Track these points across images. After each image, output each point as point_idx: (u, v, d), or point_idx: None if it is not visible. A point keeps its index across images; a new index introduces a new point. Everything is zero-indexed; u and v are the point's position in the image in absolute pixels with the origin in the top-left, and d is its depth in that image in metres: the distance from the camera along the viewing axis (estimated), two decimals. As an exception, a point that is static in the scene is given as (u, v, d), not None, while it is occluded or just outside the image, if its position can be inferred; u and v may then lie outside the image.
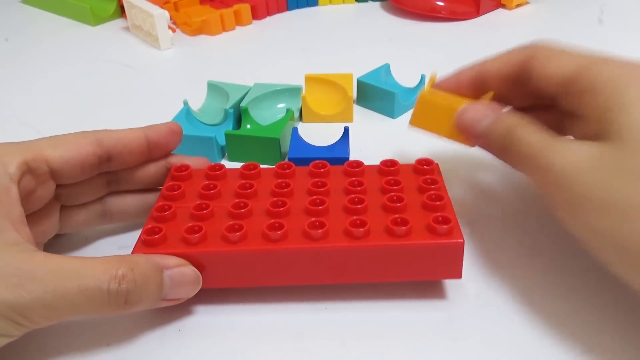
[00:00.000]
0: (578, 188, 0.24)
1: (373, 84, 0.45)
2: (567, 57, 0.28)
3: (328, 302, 0.28)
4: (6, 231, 0.24)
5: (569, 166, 0.24)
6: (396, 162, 0.32)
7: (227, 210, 0.29)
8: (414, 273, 0.27)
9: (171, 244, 0.27)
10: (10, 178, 0.26)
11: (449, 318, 0.27)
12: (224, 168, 0.32)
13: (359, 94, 0.46)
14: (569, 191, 0.24)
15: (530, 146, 0.26)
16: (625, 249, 0.23)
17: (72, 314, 0.24)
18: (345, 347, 0.26)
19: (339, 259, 0.27)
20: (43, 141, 0.28)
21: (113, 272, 0.24)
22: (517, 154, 0.27)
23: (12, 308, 0.22)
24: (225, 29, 0.62)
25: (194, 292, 0.27)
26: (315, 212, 0.28)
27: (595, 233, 0.24)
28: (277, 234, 0.27)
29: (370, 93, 0.45)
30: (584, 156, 0.24)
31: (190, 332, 0.27)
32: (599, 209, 0.23)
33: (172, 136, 0.32)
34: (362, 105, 0.46)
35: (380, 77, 0.46)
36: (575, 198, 0.24)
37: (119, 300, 0.24)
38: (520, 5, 0.66)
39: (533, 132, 0.27)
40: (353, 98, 0.45)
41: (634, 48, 0.54)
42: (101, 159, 0.29)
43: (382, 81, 0.46)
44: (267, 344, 0.26)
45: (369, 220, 0.27)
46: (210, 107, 0.45)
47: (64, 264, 0.24)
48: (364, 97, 0.46)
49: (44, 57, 0.59)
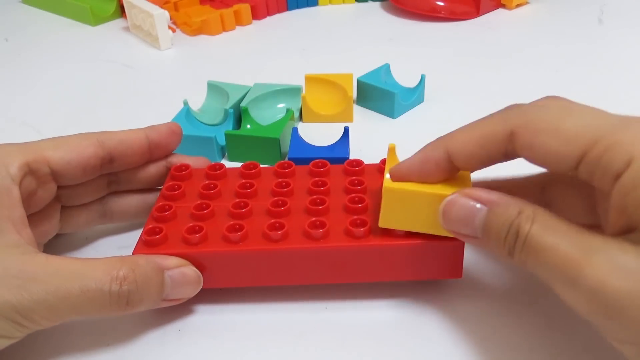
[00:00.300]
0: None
1: (373, 84, 0.45)
2: (569, 127, 0.21)
3: (328, 302, 0.28)
4: (7, 233, 0.24)
5: (625, 290, 0.19)
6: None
7: (228, 210, 0.29)
8: (414, 273, 0.27)
9: (172, 244, 0.27)
10: (12, 179, 0.26)
11: (449, 318, 0.27)
12: (224, 167, 0.32)
13: (359, 94, 0.46)
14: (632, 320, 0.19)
15: (554, 253, 0.20)
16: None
17: (73, 315, 0.24)
18: (345, 347, 0.26)
19: (340, 258, 0.27)
20: (45, 142, 0.28)
21: (114, 273, 0.24)
22: (532, 259, 0.21)
23: (15, 309, 0.22)
24: (225, 29, 0.62)
25: (194, 292, 0.27)
26: (315, 211, 0.28)
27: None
28: (278, 233, 0.27)
29: (370, 93, 0.45)
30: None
31: (190, 332, 0.27)
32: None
33: (172, 137, 0.32)
34: (362, 105, 0.46)
35: (380, 77, 0.46)
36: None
37: (120, 301, 0.24)
38: (520, 5, 0.66)
39: (552, 228, 0.21)
40: (353, 98, 0.45)
41: (634, 48, 0.55)
42: (103, 160, 0.29)
43: (382, 81, 0.46)
44: (267, 344, 0.26)
45: (370, 220, 0.27)
46: (210, 107, 0.45)
47: (66, 266, 0.24)
48: (364, 97, 0.46)
49: (44, 57, 0.59)
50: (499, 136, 0.23)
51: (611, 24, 0.61)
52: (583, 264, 0.19)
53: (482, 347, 0.26)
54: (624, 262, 0.19)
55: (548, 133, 0.21)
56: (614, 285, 0.19)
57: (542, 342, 0.26)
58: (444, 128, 0.26)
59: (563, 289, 0.20)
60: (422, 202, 0.25)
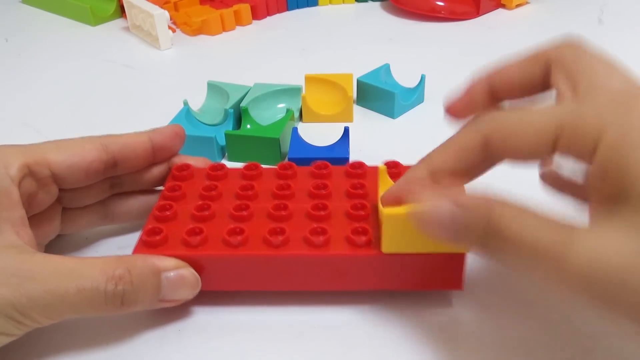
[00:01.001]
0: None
1: (373, 84, 0.45)
2: (535, 122, 0.21)
3: (328, 305, 0.28)
4: (5, 234, 0.24)
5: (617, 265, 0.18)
6: (398, 164, 0.31)
7: (229, 212, 0.28)
8: (415, 283, 0.27)
9: (172, 246, 0.27)
10: (12, 180, 0.26)
11: (450, 321, 0.27)
12: (225, 168, 0.32)
13: (359, 94, 0.46)
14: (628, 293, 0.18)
15: (531, 246, 0.20)
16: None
17: (71, 314, 0.24)
18: (345, 349, 0.26)
19: (340, 266, 0.27)
20: (47, 145, 0.28)
21: (110, 272, 0.24)
22: (510, 257, 0.20)
23: (13, 307, 0.22)
24: (225, 29, 0.62)
25: (192, 294, 0.27)
26: (317, 217, 0.28)
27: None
28: (279, 239, 0.26)
29: (370, 93, 0.45)
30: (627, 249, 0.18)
31: (190, 333, 0.27)
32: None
33: (176, 139, 0.32)
34: (362, 105, 0.46)
35: (380, 77, 0.46)
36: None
37: (115, 301, 0.24)
38: (520, 5, 0.66)
39: (523, 223, 0.20)
40: (353, 98, 0.45)
41: (634, 48, 0.54)
42: (107, 164, 0.29)
43: (382, 81, 0.46)
44: (267, 344, 0.26)
45: (371, 228, 0.27)
46: (210, 107, 0.45)
47: (63, 265, 0.24)
48: (363, 97, 0.46)
49: (44, 57, 0.59)
50: (475, 148, 0.23)
51: (611, 24, 0.61)
52: (566, 253, 0.19)
53: (485, 352, 0.26)
54: (605, 240, 0.19)
55: (517, 134, 0.22)
56: (603, 264, 0.18)
57: (542, 345, 0.26)
58: (444, 128, 0.26)
59: (549, 281, 0.20)
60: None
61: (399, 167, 0.31)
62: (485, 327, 0.27)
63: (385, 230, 0.25)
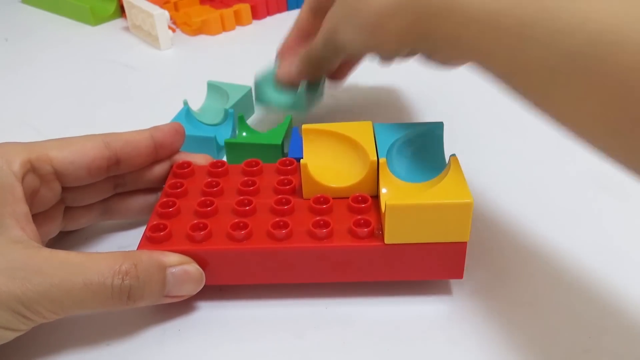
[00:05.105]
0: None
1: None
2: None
3: (329, 300, 0.28)
4: (11, 229, 0.24)
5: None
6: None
7: (232, 207, 0.29)
8: (416, 273, 0.27)
9: (176, 241, 0.27)
10: (15, 176, 0.26)
11: (451, 316, 0.27)
12: (226, 165, 0.32)
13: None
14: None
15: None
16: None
17: (77, 308, 0.24)
18: (346, 346, 0.26)
19: (343, 258, 0.27)
20: (49, 142, 0.28)
21: (117, 267, 0.24)
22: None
23: (19, 301, 0.22)
24: (225, 29, 0.62)
25: (196, 289, 0.27)
26: (319, 210, 0.28)
27: None
28: (282, 232, 0.27)
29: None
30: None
31: (191, 330, 0.27)
32: None
33: (176, 136, 0.32)
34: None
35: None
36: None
37: (122, 295, 0.24)
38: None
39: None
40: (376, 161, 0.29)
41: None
42: (109, 162, 0.29)
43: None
44: (268, 343, 0.26)
45: (373, 220, 0.27)
46: (210, 107, 0.45)
47: (70, 259, 0.24)
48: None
49: (44, 57, 0.59)
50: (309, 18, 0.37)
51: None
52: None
53: (485, 347, 0.26)
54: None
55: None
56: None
57: (541, 343, 0.26)
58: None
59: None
60: (426, 213, 0.25)
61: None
62: (485, 316, 0.27)
63: (388, 221, 0.26)
